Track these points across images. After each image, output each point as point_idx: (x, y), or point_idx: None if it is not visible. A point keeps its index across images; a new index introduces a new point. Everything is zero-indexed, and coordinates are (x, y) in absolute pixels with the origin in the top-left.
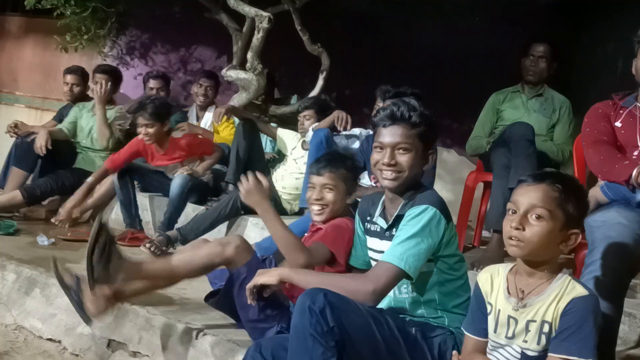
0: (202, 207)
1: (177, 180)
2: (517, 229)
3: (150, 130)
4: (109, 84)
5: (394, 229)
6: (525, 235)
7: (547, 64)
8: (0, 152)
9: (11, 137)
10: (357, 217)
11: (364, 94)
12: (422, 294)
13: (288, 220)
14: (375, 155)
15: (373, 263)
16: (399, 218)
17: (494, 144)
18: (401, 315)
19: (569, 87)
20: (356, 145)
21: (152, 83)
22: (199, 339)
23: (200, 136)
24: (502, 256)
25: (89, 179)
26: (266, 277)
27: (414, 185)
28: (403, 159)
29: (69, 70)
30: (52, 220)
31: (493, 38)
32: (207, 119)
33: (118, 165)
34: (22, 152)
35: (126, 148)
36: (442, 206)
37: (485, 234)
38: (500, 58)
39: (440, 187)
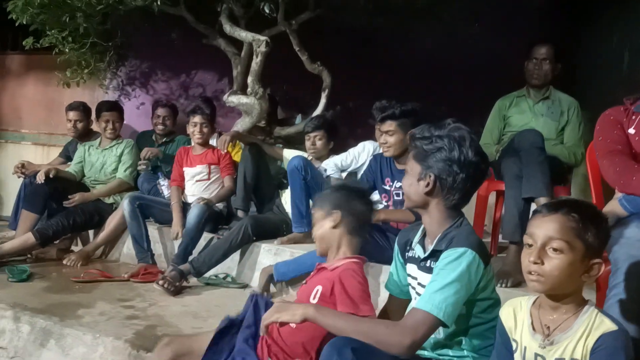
0: (213, 235)
1: (195, 210)
2: (535, 263)
3: (205, 129)
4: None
5: (429, 261)
6: (545, 270)
7: (551, 65)
8: (10, 192)
9: (18, 177)
10: (396, 246)
11: (368, 106)
12: (450, 336)
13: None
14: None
15: (411, 290)
16: (435, 253)
17: (504, 152)
18: (425, 354)
19: (574, 84)
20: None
21: (159, 111)
22: None
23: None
24: (520, 268)
25: (174, 201)
26: (288, 315)
27: (452, 215)
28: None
29: (70, 107)
30: (64, 261)
31: (494, 42)
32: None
33: (180, 181)
34: (31, 195)
35: (175, 165)
36: (480, 249)
37: (501, 238)
38: (503, 62)
39: None
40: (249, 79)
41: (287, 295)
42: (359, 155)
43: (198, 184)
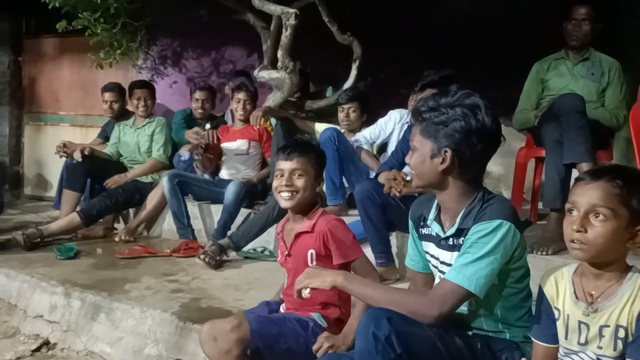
0: (250, 211)
1: (232, 187)
2: (578, 231)
3: (249, 106)
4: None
5: (452, 239)
6: (588, 238)
7: (591, 26)
8: (52, 173)
9: (60, 157)
10: (410, 222)
11: (399, 75)
12: (483, 307)
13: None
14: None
15: (432, 267)
16: (459, 231)
17: (543, 117)
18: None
19: (614, 44)
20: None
21: (198, 95)
22: None
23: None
24: (561, 236)
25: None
26: (318, 281)
27: (471, 190)
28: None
29: (106, 88)
30: (116, 238)
31: (530, 4)
32: None
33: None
34: (71, 174)
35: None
36: (515, 217)
37: (541, 205)
38: (542, 22)
39: (490, 162)
40: (279, 53)
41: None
42: (386, 124)
43: (236, 158)
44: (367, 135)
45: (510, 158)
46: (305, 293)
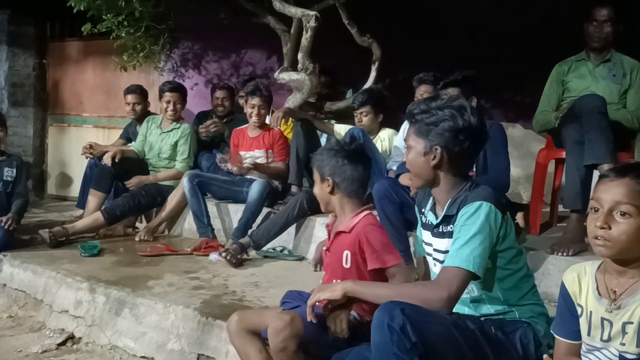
0: (269, 210)
1: (257, 186)
2: (602, 228)
3: (263, 111)
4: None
5: (441, 227)
6: (612, 235)
7: (612, 27)
8: (76, 173)
9: (86, 158)
10: (416, 208)
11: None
12: (483, 291)
13: None
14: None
15: (427, 257)
16: (446, 218)
17: (564, 118)
18: (467, 311)
19: (636, 46)
20: None
21: (218, 93)
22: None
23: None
24: (582, 237)
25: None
26: (329, 292)
27: (459, 182)
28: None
29: (128, 90)
30: (136, 238)
31: (551, 4)
32: None
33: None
34: (99, 175)
35: (231, 147)
36: (496, 200)
37: (561, 207)
38: (561, 24)
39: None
40: (299, 55)
41: None
42: (402, 137)
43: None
44: (398, 159)
45: (529, 160)
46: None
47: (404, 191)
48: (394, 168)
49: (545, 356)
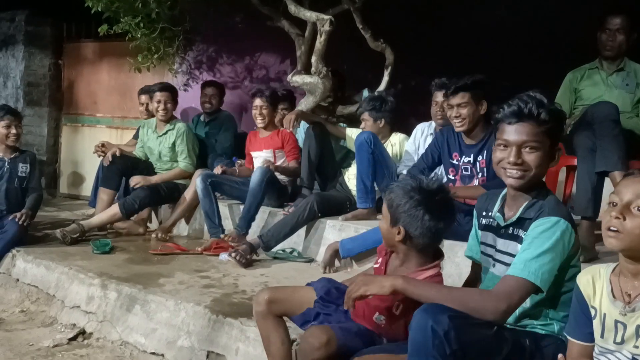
0: (279, 211)
1: (257, 172)
2: (617, 218)
3: (265, 112)
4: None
5: (512, 229)
6: (625, 226)
7: (625, 36)
8: (88, 173)
9: (99, 156)
10: (474, 212)
11: (431, 82)
12: (537, 305)
13: (364, 224)
14: (499, 154)
15: (483, 257)
16: (520, 220)
17: (576, 126)
18: (509, 326)
19: None
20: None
21: (207, 90)
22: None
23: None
24: (593, 244)
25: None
26: (376, 287)
27: (538, 184)
28: (530, 157)
29: (142, 91)
30: (153, 236)
31: (563, 12)
32: None
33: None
34: (106, 173)
35: (246, 149)
36: (570, 217)
37: (572, 213)
38: (574, 32)
39: None
40: (313, 59)
41: (352, 270)
42: (416, 145)
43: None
44: (409, 164)
45: None
46: (380, 319)
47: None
48: (404, 172)
49: (560, 356)
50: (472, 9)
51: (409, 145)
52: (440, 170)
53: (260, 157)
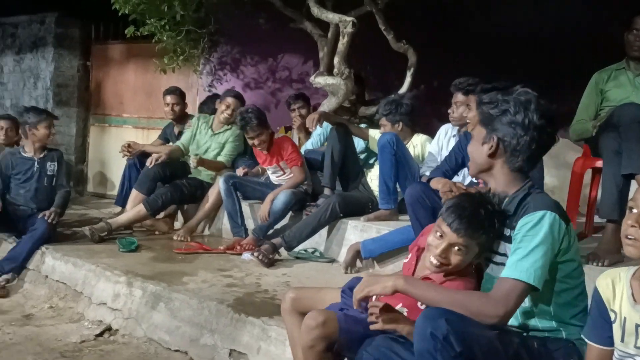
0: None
1: (282, 196)
2: (633, 226)
3: (263, 137)
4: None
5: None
6: None
7: None
8: (114, 172)
9: (124, 156)
10: None
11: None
12: (536, 304)
13: (386, 225)
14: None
15: (485, 260)
16: (504, 215)
17: (602, 127)
18: (515, 329)
19: None
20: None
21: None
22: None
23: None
24: (618, 247)
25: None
26: (379, 287)
27: (518, 179)
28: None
29: (168, 92)
30: (174, 237)
31: (590, 11)
32: None
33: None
34: (143, 177)
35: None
36: (558, 209)
37: (597, 218)
38: (601, 33)
39: (544, 173)
40: (335, 60)
41: (373, 270)
42: (439, 146)
43: (276, 178)
44: (432, 165)
45: (564, 170)
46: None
47: (436, 196)
48: (427, 173)
49: None
50: (496, 8)
51: (433, 147)
52: (463, 172)
53: (269, 171)
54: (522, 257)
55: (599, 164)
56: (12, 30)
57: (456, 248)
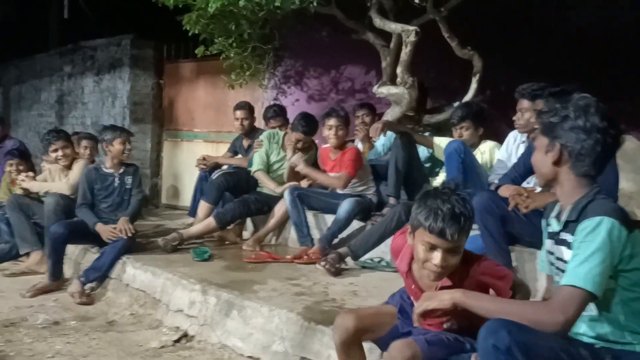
0: (366, 223)
1: (346, 205)
2: None
3: (340, 132)
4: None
5: (562, 234)
6: None
7: None
8: (186, 185)
9: (200, 169)
10: (543, 221)
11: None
12: (602, 312)
13: None
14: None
15: (550, 267)
16: (569, 224)
17: None
18: (585, 338)
19: None
20: None
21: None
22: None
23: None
24: None
25: None
26: (436, 301)
27: (584, 185)
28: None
29: (238, 107)
30: (244, 246)
31: None
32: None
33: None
34: (210, 188)
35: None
36: (620, 215)
37: None
38: None
39: (620, 178)
40: (398, 69)
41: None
42: (508, 153)
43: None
44: (501, 172)
45: None
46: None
47: (505, 204)
48: (496, 181)
49: None
50: (563, 6)
51: (502, 153)
52: (532, 179)
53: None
54: (579, 263)
55: None
56: (92, 52)
57: (453, 251)
